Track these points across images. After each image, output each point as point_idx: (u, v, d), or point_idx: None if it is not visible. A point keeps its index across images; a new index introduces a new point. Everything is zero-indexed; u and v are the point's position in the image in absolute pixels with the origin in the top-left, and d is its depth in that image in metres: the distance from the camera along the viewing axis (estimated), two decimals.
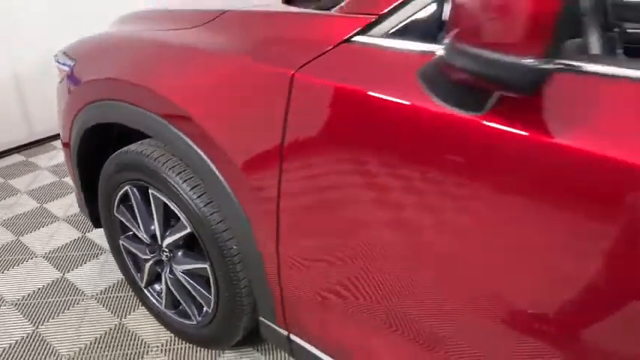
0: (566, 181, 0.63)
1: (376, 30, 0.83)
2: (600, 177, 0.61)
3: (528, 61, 0.52)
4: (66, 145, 1.64)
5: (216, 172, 1.11)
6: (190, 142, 1.15)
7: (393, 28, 0.82)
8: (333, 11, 0.91)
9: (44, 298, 1.75)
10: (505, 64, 0.54)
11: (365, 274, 0.95)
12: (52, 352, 1.52)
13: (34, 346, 1.54)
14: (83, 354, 1.52)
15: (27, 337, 1.57)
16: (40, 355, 1.51)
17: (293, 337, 1.17)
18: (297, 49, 0.89)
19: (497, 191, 0.70)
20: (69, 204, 2.35)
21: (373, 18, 0.83)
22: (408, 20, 0.80)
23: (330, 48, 0.86)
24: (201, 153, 1.13)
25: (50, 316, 1.67)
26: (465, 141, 0.69)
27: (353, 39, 0.84)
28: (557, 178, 0.63)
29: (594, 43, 0.86)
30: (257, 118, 0.96)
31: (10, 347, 1.53)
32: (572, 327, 0.70)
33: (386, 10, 0.81)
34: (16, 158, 2.89)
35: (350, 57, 0.84)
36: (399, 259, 0.88)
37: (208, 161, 1.12)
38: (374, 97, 0.77)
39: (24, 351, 1.52)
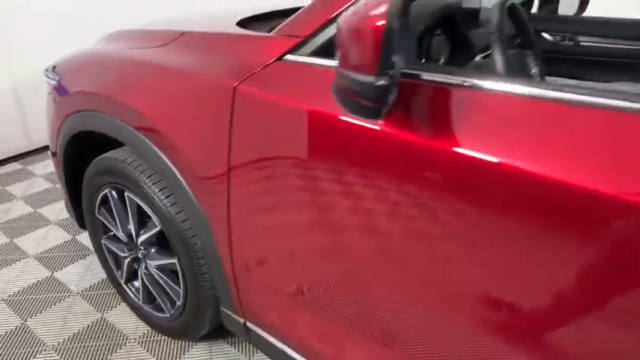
0: (443, 177, 0.76)
1: (302, 50, 0.96)
2: (471, 174, 0.74)
3: (370, 78, 0.65)
4: (54, 154, 1.78)
5: (179, 177, 1.24)
6: (157, 150, 1.28)
7: (315, 48, 0.95)
8: (270, 34, 1.05)
9: (33, 295, 1.88)
10: (361, 83, 0.67)
11: (306, 271, 1.07)
12: (38, 343, 1.65)
13: (23, 337, 1.67)
14: (67, 344, 1.64)
15: (15, 330, 1.70)
16: (28, 345, 1.64)
17: (249, 324, 1.29)
18: (240, 65, 1.03)
19: (396, 190, 0.82)
20: (60, 209, 2.49)
21: (300, 39, 0.96)
22: (328, 41, 0.93)
23: (265, 65, 0.99)
24: (167, 160, 1.26)
25: (38, 311, 1.79)
26: (366, 145, 0.82)
27: (284, 57, 0.98)
28: (436, 176, 0.75)
29: (498, 60, 0.99)
30: (208, 127, 1.10)
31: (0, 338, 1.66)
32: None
33: (309, 33, 0.95)
34: (14, 166, 3.04)
35: (280, 72, 0.97)
36: (334, 256, 1.00)
37: (172, 167, 1.25)
38: (298, 105, 0.90)
39: (13, 342, 1.65)
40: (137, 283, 1.70)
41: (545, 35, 2.07)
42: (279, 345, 1.22)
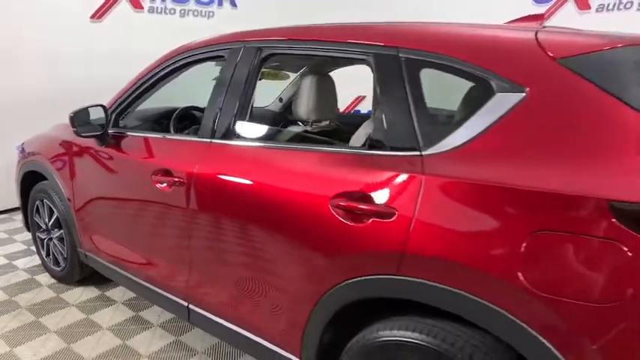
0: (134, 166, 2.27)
1: None
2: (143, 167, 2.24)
3: (74, 129, 2.22)
4: (19, 208, 3.33)
5: (63, 192, 2.76)
6: (57, 179, 2.81)
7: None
8: None
9: None
10: (74, 132, 2.24)
11: (98, 223, 2.54)
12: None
13: None
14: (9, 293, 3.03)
15: None
16: None
17: (87, 253, 2.73)
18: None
19: (113, 172, 2.34)
20: (26, 235, 3.97)
21: None
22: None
23: None
24: (60, 184, 2.78)
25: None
26: (102, 156, 2.36)
27: None
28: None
29: (171, 128, 2.57)
30: (66, 166, 2.64)
31: None
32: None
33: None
34: (2, 215, 4.58)
35: None
36: (110, 212, 2.46)
37: (61, 187, 2.77)
38: (87, 146, 2.46)
39: None
40: (50, 256, 3.13)
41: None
42: (98, 258, 2.65)
